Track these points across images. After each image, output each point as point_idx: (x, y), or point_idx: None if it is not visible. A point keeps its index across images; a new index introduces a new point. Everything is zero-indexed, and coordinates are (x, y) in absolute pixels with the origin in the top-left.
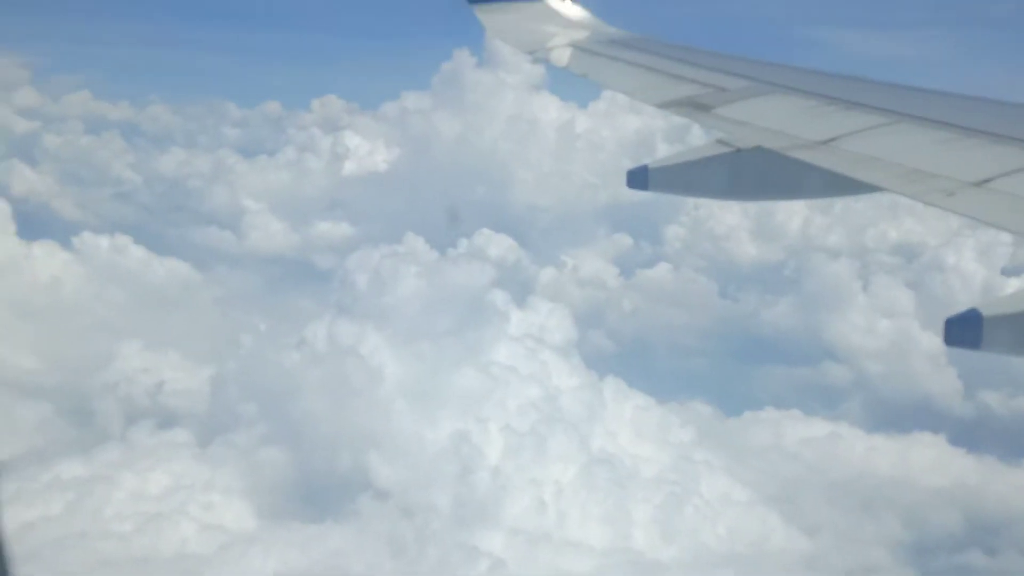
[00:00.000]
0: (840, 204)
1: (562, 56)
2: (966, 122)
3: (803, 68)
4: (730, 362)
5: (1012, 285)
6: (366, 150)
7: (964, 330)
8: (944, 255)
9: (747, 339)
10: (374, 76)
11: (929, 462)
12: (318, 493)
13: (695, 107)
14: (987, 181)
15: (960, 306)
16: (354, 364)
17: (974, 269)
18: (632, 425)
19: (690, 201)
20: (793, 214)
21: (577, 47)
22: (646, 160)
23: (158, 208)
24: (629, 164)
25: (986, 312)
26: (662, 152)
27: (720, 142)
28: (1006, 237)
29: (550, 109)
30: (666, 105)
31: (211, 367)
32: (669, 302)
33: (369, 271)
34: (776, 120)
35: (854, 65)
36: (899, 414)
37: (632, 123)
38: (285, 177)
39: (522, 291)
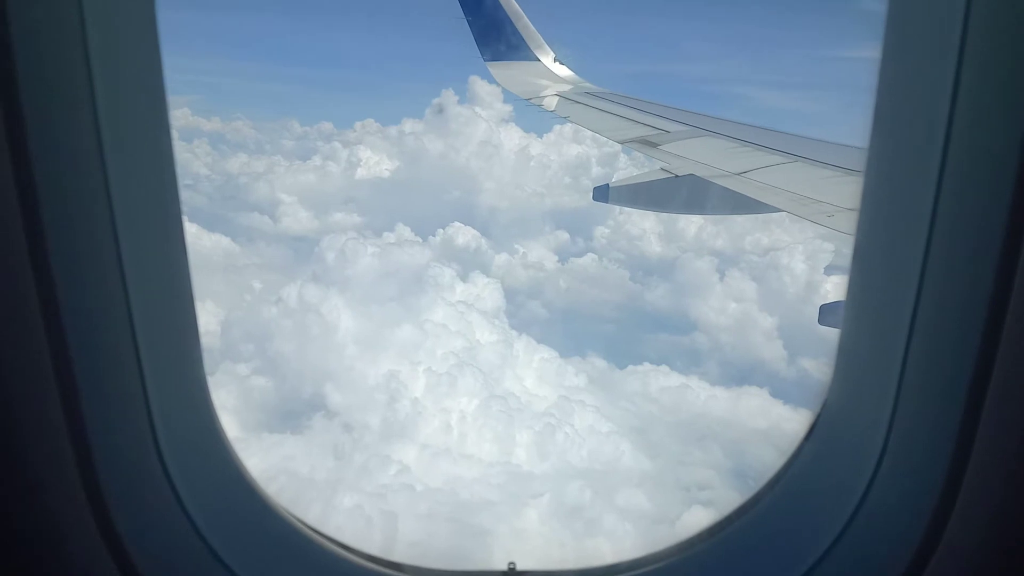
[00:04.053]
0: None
1: (551, 103)
2: (844, 163)
3: (726, 118)
4: (630, 329)
5: (830, 281)
6: (375, 161)
7: (833, 314)
8: (781, 257)
9: (645, 313)
10: (403, 105)
11: (754, 409)
12: (286, 412)
13: (646, 144)
14: None
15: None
16: (323, 319)
17: (803, 269)
18: (535, 372)
19: (616, 209)
20: (691, 223)
21: (563, 97)
22: (584, 178)
23: (216, 196)
24: (570, 180)
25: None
26: (596, 173)
27: (663, 170)
28: (829, 245)
29: (514, 137)
30: (625, 142)
31: (228, 314)
32: (592, 283)
33: (361, 252)
34: (705, 156)
35: (764, 116)
36: (738, 372)
37: (574, 150)
38: (313, 178)
39: (482, 270)
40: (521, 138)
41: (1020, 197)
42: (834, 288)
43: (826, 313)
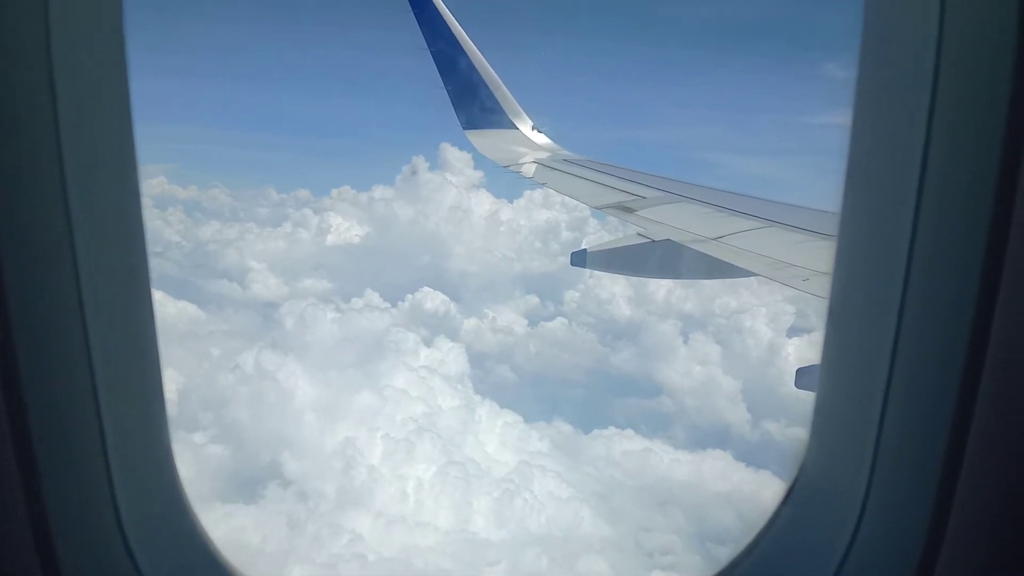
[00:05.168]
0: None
1: (529, 170)
2: (818, 228)
3: (701, 184)
4: (598, 393)
5: (792, 344)
6: (345, 227)
7: (809, 377)
8: (745, 320)
9: (613, 377)
10: (379, 172)
11: (718, 473)
12: (241, 481)
13: (623, 209)
14: None
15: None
16: (280, 385)
17: (766, 331)
18: (497, 438)
19: (586, 273)
20: (660, 287)
21: (541, 164)
22: (554, 243)
23: (186, 264)
24: (540, 245)
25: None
26: (566, 238)
27: (640, 235)
28: (791, 308)
29: (484, 203)
30: (602, 207)
31: (186, 382)
32: (562, 347)
33: (321, 318)
34: (680, 221)
35: (737, 182)
36: (702, 435)
37: (544, 215)
38: (283, 245)
39: (450, 335)
40: (491, 204)
41: (991, 263)
42: (796, 350)
43: (802, 376)
